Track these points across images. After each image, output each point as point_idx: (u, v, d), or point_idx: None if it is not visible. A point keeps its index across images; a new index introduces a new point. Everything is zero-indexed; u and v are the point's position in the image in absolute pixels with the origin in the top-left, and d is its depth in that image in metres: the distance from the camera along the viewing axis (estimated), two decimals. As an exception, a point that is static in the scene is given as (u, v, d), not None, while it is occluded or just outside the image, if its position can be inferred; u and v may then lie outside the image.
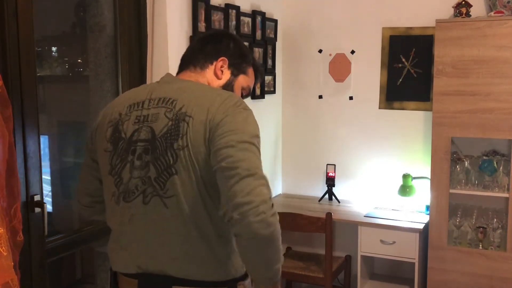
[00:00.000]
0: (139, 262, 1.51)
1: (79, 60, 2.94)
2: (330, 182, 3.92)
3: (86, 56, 2.84)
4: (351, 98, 3.95)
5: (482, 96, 3.15)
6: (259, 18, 3.71)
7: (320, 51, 4.01)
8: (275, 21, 3.95)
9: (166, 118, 1.47)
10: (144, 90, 1.60)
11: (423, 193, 3.57)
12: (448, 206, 3.28)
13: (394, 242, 3.35)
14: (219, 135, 1.41)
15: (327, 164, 3.95)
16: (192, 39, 1.68)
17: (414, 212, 3.57)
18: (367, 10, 3.83)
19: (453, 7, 3.30)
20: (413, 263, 3.33)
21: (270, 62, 3.92)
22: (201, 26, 3.05)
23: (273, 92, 4.03)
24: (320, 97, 4.05)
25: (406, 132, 3.79)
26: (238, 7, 3.43)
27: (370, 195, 3.89)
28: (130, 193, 1.49)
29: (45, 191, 2.29)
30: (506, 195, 3.17)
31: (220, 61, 1.65)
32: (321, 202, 3.90)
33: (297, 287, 4.03)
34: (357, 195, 3.95)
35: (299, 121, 4.14)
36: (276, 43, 3.99)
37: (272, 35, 3.92)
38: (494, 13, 3.19)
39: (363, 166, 3.95)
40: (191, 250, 1.47)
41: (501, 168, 3.26)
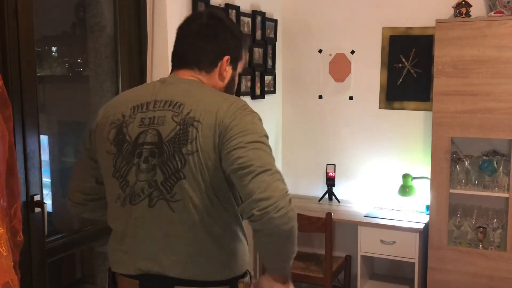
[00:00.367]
0: (141, 265, 1.51)
1: (79, 60, 2.95)
2: (330, 182, 3.92)
3: (86, 56, 2.84)
4: (351, 98, 3.95)
5: (482, 96, 3.15)
6: (259, 18, 3.71)
7: (320, 51, 4.01)
8: (275, 21, 3.95)
9: (174, 122, 1.46)
10: (147, 91, 1.57)
11: (423, 193, 3.57)
12: (448, 206, 3.28)
13: (394, 242, 3.35)
14: (229, 139, 1.42)
15: (327, 164, 3.95)
16: (182, 29, 1.59)
17: (414, 212, 3.58)
18: (367, 10, 3.83)
19: (453, 7, 3.30)
20: (413, 263, 3.34)
21: (270, 62, 3.91)
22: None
23: (273, 92, 4.03)
24: (320, 97, 4.05)
25: (406, 132, 3.79)
26: (238, 7, 3.43)
27: (370, 195, 3.89)
28: (136, 196, 1.49)
29: (45, 191, 2.29)
30: (506, 195, 3.17)
31: (225, 61, 1.62)
32: (321, 202, 3.90)
33: (297, 287, 4.02)
34: (357, 195, 3.95)
35: (299, 121, 4.14)
36: (276, 43, 3.99)
37: (272, 35, 3.92)
38: (494, 13, 3.19)
39: (363, 166, 3.95)
40: (196, 253, 1.47)
41: (501, 168, 3.26)
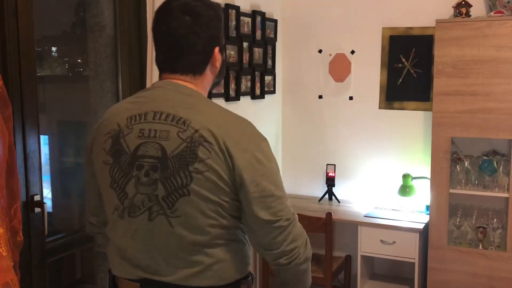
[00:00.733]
0: (141, 273, 1.50)
1: (79, 60, 2.95)
2: (330, 182, 3.92)
3: (86, 56, 2.84)
4: (351, 98, 3.95)
5: (482, 96, 3.15)
6: (259, 18, 3.71)
7: (320, 51, 4.01)
8: (275, 21, 3.95)
9: (180, 139, 1.41)
10: (143, 100, 1.51)
11: (423, 193, 3.57)
12: (448, 206, 3.28)
13: (394, 242, 3.35)
14: (250, 183, 1.42)
15: (327, 164, 3.95)
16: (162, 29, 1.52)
17: (414, 212, 3.58)
18: (367, 10, 3.83)
19: (453, 7, 3.30)
20: (413, 263, 3.34)
21: (270, 62, 3.91)
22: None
23: (273, 92, 4.02)
24: (320, 97, 4.05)
25: (406, 132, 3.79)
26: (238, 7, 3.43)
27: (370, 195, 3.89)
28: (136, 209, 1.46)
29: (45, 191, 2.29)
30: (506, 195, 3.17)
31: (216, 53, 1.56)
32: (321, 202, 3.90)
33: (297, 287, 4.02)
34: (357, 195, 3.95)
35: (299, 121, 4.14)
36: (276, 43, 3.99)
37: (272, 35, 3.92)
38: (494, 13, 3.19)
39: (363, 166, 3.95)
40: (198, 264, 1.46)
41: (501, 168, 3.26)
